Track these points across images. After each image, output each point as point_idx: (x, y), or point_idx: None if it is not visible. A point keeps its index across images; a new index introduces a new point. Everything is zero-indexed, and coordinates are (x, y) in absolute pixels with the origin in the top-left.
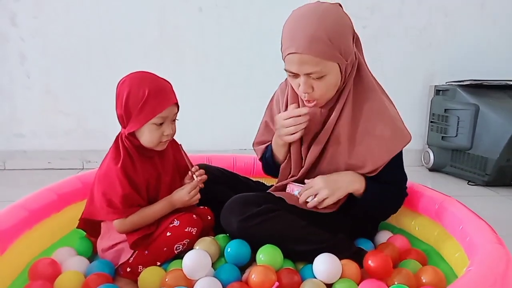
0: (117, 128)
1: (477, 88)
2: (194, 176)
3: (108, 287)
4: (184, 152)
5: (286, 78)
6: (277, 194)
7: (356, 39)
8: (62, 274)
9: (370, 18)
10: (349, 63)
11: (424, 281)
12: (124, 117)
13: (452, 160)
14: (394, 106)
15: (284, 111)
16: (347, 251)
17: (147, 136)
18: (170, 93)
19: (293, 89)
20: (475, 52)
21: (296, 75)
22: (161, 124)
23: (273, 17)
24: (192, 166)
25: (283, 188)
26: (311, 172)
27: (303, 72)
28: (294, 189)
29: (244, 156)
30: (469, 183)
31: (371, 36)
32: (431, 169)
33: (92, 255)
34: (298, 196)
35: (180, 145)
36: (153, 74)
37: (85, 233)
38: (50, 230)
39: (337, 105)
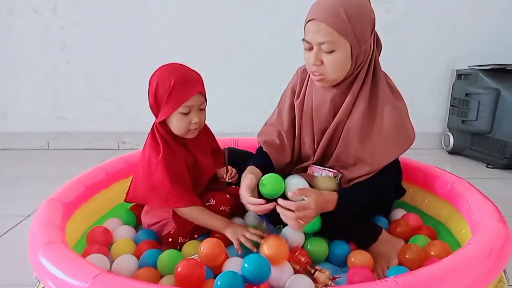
0: (150, 112)
1: (499, 72)
2: (227, 177)
3: (155, 251)
4: (226, 157)
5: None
6: None
7: (377, 40)
8: (116, 241)
9: (394, 2)
10: (362, 51)
11: (432, 254)
12: (155, 107)
13: (472, 144)
14: (405, 105)
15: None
16: (362, 231)
17: (176, 124)
18: (195, 83)
19: (305, 71)
20: (498, 37)
21: (310, 47)
22: (188, 113)
23: (300, 4)
24: (228, 171)
25: (304, 170)
26: (327, 156)
27: (316, 40)
28: (315, 171)
29: None
30: (488, 166)
31: (395, 20)
32: (451, 152)
33: (137, 225)
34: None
35: (226, 149)
36: (182, 65)
37: (129, 207)
38: (101, 203)
39: (349, 97)
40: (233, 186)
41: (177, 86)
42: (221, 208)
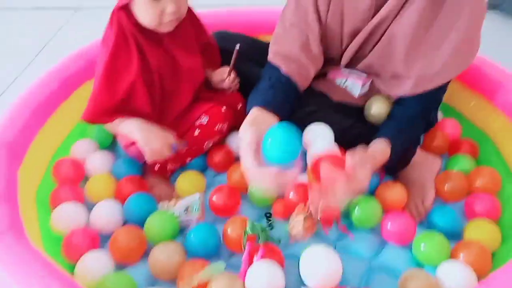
0: None
1: None
2: (227, 80)
3: (141, 196)
4: (236, 56)
5: None
6: (318, 88)
7: None
8: (90, 179)
9: None
10: None
11: (477, 186)
12: None
13: None
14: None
15: None
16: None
17: (143, 14)
18: None
19: None
20: None
21: None
22: None
23: None
24: (230, 74)
25: (323, 76)
26: (356, 62)
27: None
28: (336, 76)
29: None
30: None
31: None
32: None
33: (113, 143)
34: (342, 87)
35: (238, 45)
36: None
37: None
38: (64, 120)
39: None
40: (231, 92)
41: None
42: (216, 128)
